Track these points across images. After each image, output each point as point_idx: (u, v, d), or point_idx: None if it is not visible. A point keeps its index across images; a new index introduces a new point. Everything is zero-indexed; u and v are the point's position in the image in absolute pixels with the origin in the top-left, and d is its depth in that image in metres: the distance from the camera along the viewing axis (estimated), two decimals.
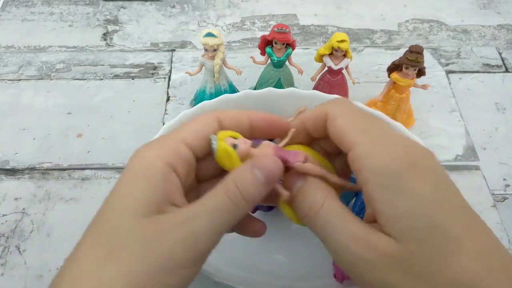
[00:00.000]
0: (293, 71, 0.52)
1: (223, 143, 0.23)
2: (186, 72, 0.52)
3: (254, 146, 0.25)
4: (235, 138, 0.24)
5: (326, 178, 0.24)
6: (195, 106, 0.40)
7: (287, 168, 0.24)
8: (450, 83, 0.59)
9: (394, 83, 0.49)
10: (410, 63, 0.47)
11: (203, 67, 0.51)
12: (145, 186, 0.20)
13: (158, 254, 0.19)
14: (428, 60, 0.60)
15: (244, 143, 0.24)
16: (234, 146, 0.23)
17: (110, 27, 0.65)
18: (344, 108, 0.24)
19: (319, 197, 0.22)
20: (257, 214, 0.42)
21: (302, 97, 0.47)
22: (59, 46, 0.63)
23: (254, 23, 0.67)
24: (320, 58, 0.50)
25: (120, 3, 0.69)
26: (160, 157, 0.21)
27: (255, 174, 0.21)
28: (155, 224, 0.19)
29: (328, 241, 0.21)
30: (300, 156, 0.24)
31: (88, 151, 0.51)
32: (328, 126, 0.23)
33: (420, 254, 0.18)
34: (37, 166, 0.50)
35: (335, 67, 0.50)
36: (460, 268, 0.18)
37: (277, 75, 0.51)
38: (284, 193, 0.23)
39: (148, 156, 0.21)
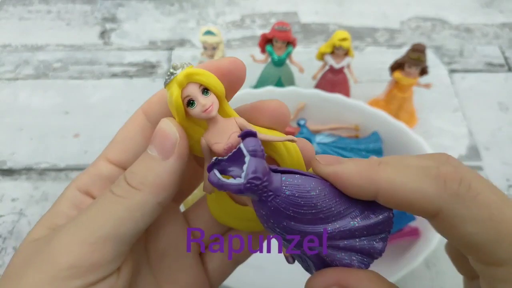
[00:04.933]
0: (294, 69, 0.51)
1: (177, 91, 0.17)
2: None
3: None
4: (207, 89, 0.17)
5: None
6: None
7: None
8: (453, 82, 0.58)
9: (397, 82, 0.49)
10: (413, 62, 0.46)
11: None
12: (48, 214, 0.18)
13: (42, 269, 0.16)
14: (431, 59, 0.59)
15: (205, 106, 0.17)
16: (190, 103, 0.17)
17: (108, 26, 0.65)
18: (468, 203, 0.15)
19: None
20: None
21: (303, 95, 0.47)
22: (56, 45, 0.62)
23: (254, 21, 0.66)
24: (321, 57, 0.50)
25: (118, 1, 0.68)
26: (75, 184, 0.19)
27: (148, 151, 0.17)
28: (40, 242, 0.17)
29: None
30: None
31: (86, 151, 0.50)
32: (441, 226, 0.16)
33: None
34: (34, 167, 0.49)
35: (336, 66, 0.49)
36: None
37: (278, 73, 0.50)
38: (207, 187, 0.18)
39: (69, 185, 0.19)
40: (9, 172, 0.49)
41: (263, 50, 0.49)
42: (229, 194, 0.21)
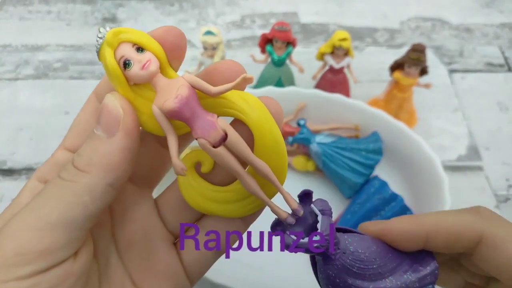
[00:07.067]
0: (294, 70, 0.51)
1: (109, 53, 0.16)
2: (186, 71, 0.51)
3: None
4: (141, 48, 0.16)
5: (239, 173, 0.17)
6: None
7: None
8: (452, 83, 0.58)
9: (397, 82, 0.49)
10: (413, 62, 0.46)
11: (202, 66, 0.50)
12: (9, 207, 0.18)
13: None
14: (431, 59, 0.59)
15: (141, 61, 0.16)
16: (127, 64, 0.16)
17: (108, 26, 0.65)
18: (505, 228, 0.18)
19: None
20: None
21: (303, 96, 0.47)
22: (56, 45, 0.62)
23: (254, 21, 0.66)
24: (321, 57, 0.50)
25: (118, 1, 0.68)
26: (36, 175, 0.19)
27: (94, 130, 0.16)
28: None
29: None
30: (213, 132, 0.16)
31: None
32: (484, 252, 0.18)
33: None
34: (34, 167, 0.49)
35: (336, 66, 0.49)
36: None
37: (278, 74, 0.50)
38: (178, 166, 0.16)
39: (31, 177, 0.20)
40: (9, 172, 0.49)
41: (263, 50, 0.49)
42: (202, 175, 0.19)
